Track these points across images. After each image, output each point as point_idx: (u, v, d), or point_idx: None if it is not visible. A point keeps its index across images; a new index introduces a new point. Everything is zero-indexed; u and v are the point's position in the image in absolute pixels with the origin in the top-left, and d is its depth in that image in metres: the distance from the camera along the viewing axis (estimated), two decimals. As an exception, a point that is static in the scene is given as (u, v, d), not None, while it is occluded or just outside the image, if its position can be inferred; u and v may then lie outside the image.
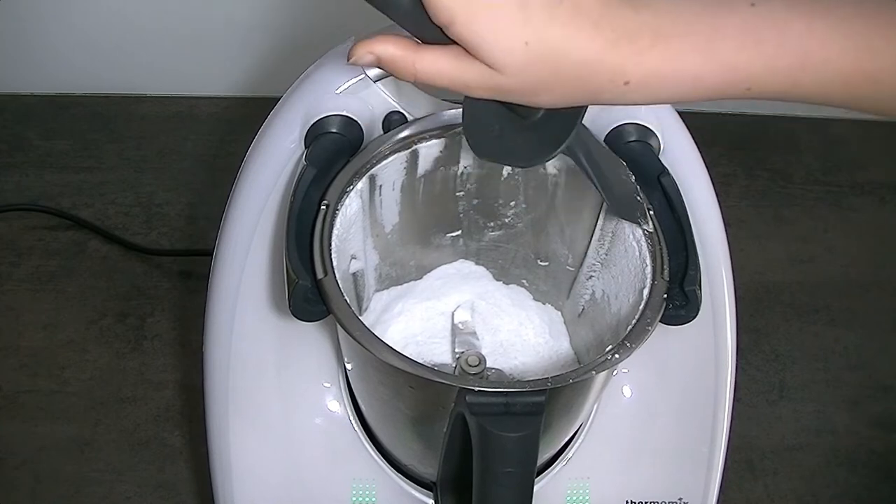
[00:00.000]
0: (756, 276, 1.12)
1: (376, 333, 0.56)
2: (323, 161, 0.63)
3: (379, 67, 0.47)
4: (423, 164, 0.67)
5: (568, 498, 0.72)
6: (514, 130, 0.51)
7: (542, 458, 0.69)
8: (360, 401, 0.70)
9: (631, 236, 0.63)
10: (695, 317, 0.59)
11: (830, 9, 0.43)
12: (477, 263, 0.74)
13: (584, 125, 0.55)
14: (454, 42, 0.44)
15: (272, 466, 0.72)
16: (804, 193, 1.23)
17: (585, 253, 0.68)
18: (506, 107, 0.50)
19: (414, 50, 0.45)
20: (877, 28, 0.43)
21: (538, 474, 0.69)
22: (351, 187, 0.63)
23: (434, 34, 0.45)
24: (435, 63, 0.45)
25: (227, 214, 0.70)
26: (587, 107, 0.50)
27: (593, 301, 0.69)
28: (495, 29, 0.42)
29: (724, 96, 0.45)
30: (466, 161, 0.68)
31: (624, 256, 0.64)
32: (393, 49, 0.46)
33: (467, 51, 0.44)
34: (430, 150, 0.66)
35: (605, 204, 0.59)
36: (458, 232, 0.72)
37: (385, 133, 0.66)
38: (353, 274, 0.68)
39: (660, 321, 0.58)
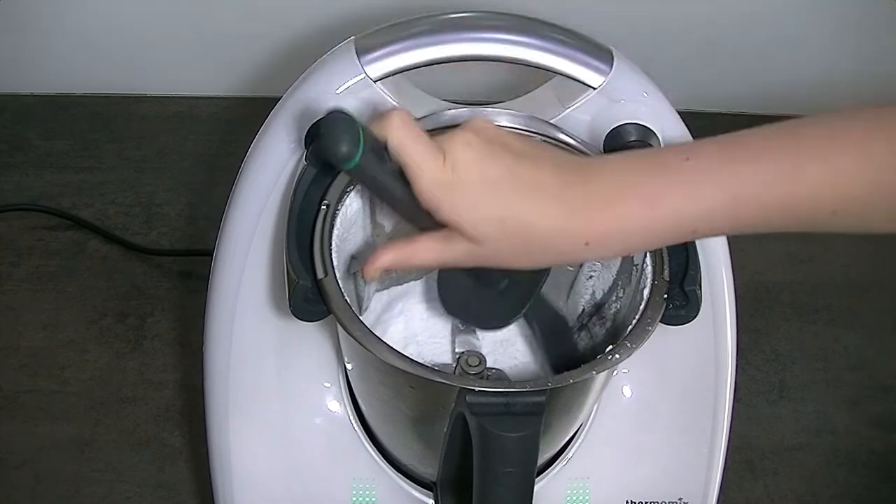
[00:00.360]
0: (756, 276, 1.12)
1: (376, 333, 0.56)
2: (323, 161, 0.63)
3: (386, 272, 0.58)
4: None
5: (568, 498, 0.72)
6: (482, 298, 0.61)
7: (542, 458, 0.69)
8: (360, 401, 0.70)
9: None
10: (695, 317, 0.59)
11: (753, 150, 0.50)
12: (477, 263, 0.74)
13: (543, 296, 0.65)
14: (441, 226, 0.53)
15: (272, 466, 0.72)
16: (804, 193, 1.23)
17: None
18: (477, 279, 0.60)
19: (409, 246, 0.54)
20: (798, 156, 0.49)
21: (538, 474, 0.69)
22: (351, 187, 0.63)
23: (423, 220, 0.54)
24: (428, 250, 0.54)
25: (227, 214, 0.70)
26: (544, 280, 0.61)
27: (593, 301, 0.68)
28: (473, 209, 0.51)
29: (674, 241, 0.53)
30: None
31: (624, 257, 0.64)
32: (394, 255, 0.55)
33: (452, 231, 0.52)
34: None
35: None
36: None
37: (385, 133, 0.66)
38: (354, 274, 0.68)
39: (660, 321, 0.58)
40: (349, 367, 0.66)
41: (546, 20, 0.67)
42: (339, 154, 0.51)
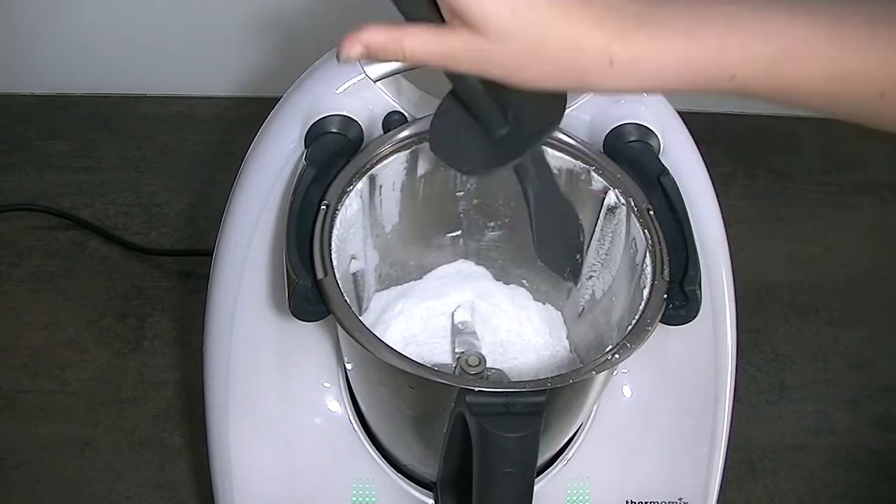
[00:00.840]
0: (756, 276, 1.12)
1: (376, 333, 0.56)
2: (323, 161, 0.63)
3: (368, 57, 0.47)
4: (423, 164, 0.67)
5: (568, 498, 0.72)
6: (477, 140, 0.52)
7: (542, 458, 0.69)
8: (360, 401, 0.70)
9: (631, 236, 0.63)
10: (695, 317, 0.59)
11: (811, 6, 0.44)
12: (477, 263, 0.74)
13: (554, 176, 0.57)
14: (439, 20, 0.45)
15: (272, 466, 0.72)
16: (804, 193, 1.23)
17: (585, 253, 0.68)
18: (475, 118, 0.52)
19: (401, 31, 0.45)
20: (858, 28, 0.43)
21: (538, 474, 0.69)
22: (351, 187, 0.63)
23: (422, 9, 0.46)
24: (422, 39, 0.45)
25: (227, 214, 0.70)
26: (546, 132, 0.52)
27: (593, 301, 0.69)
28: None
29: (709, 85, 0.46)
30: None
31: (624, 256, 0.64)
32: (380, 35, 0.46)
33: (455, 20, 0.44)
34: (430, 151, 0.66)
35: (534, 245, 0.60)
36: (458, 232, 0.72)
37: (385, 133, 0.66)
38: (353, 274, 0.68)
39: (660, 321, 0.58)
40: (349, 367, 0.66)
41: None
42: None
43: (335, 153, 0.65)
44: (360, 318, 0.57)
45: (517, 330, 0.73)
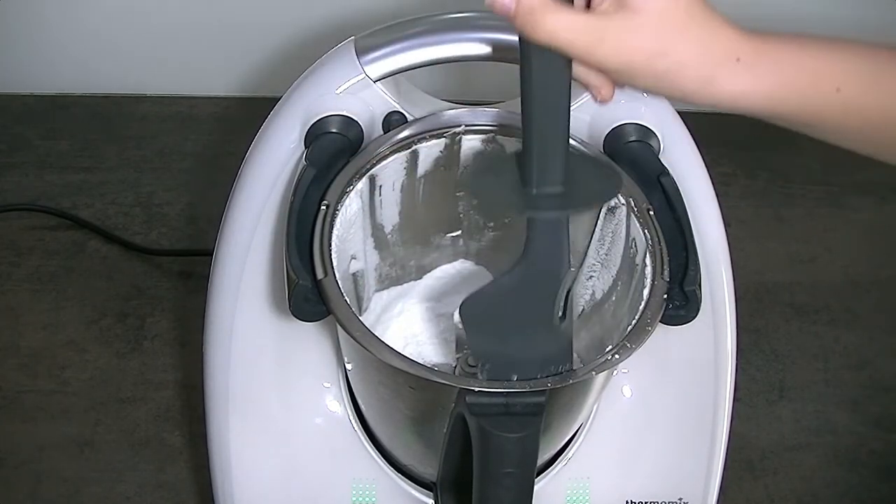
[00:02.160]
0: (756, 276, 1.12)
1: (376, 333, 0.56)
2: (323, 161, 0.63)
3: (508, 16, 0.46)
4: (423, 164, 0.67)
5: (568, 498, 0.72)
6: (515, 188, 0.53)
7: (542, 458, 0.69)
8: (360, 401, 0.70)
9: (631, 236, 0.63)
10: (695, 317, 0.59)
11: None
12: (477, 263, 0.74)
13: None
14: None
15: (272, 467, 0.72)
16: (804, 193, 1.23)
17: (585, 253, 0.68)
18: (526, 168, 0.52)
19: (550, 4, 0.46)
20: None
21: (538, 474, 0.69)
22: (351, 187, 0.63)
23: None
24: (571, 17, 0.46)
25: (227, 214, 0.70)
26: (598, 202, 0.58)
27: (593, 301, 0.69)
28: None
29: (805, 98, 0.50)
30: (466, 161, 0.68)
31: (624, 256, 0.64)
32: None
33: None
34: (430, 150, 0.66)
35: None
36: (458, 232, 0.72)
37: (385, 133, 0.66)
38: (353, 274, 0.68)
39: (660, 321, 0.58)
40: (349, 367, 0.66)
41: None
42: None
43: (335, 153, 0.65)
44: (360, 318, 0.57)
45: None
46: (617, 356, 0.56)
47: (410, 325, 0.72)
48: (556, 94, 0.50)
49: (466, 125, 0.66)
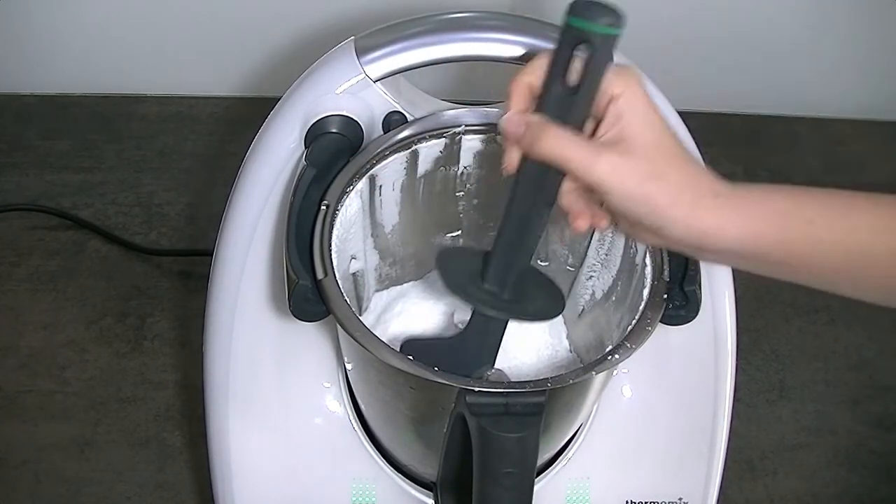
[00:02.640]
0: (756, 276, 1.12)
1: (376, 333, 0.56)
2: (323, 161, 0.63)
3: (517, 137, 0.52)
4: (423, 164, 0.67)
5: (568, 498, 0.72)
6: (474, 277, 0.58)
7: (542, 458, 0.69)
8: (360, 401, 0.70)
9: (631, 237, 0.63)
10: (695, 317, 0.59)
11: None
12: (477, 263, 0.74)
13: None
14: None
15: (272, 466, 0.72)
16: (804, 193, 1.23)
17: (585, 253, 0.68)
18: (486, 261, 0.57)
19: (555, 124, 0.51)
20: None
21: (538, 474, 0.69)
22: (351, 187, 0.63)
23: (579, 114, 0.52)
24: (575, 136, 0.51)
25: (227, 214, 0.70)
26: (535, 320, 0.62)
27: (593, 301, 0.69)
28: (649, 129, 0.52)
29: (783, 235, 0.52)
30: (466, 161, 0.68)
31: (624, 257, 0.64)
32: (538, 118, 0.51)
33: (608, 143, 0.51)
34: (430, 150, 0.66)
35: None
36: (458, 232, 0.72)
37: (385, 133, 0.66)
38: (353, 274, 0.68)
39: (660, 321, 0.58)
40: (349, 367, 0.66)
41: (545, 20, 0.67)
42: (615, 18, 0.49)
43: (335, 153, 0.65)
44: (360, 318, 0.57)
45: (517, 330, 0.73)
46: (617, 356, 0.56)
47: (410, 325, 0.72)
48: (535, 220, 0.55)
49: (466, 125, 0.66)
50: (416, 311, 0.73)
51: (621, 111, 0.51)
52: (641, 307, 0.59)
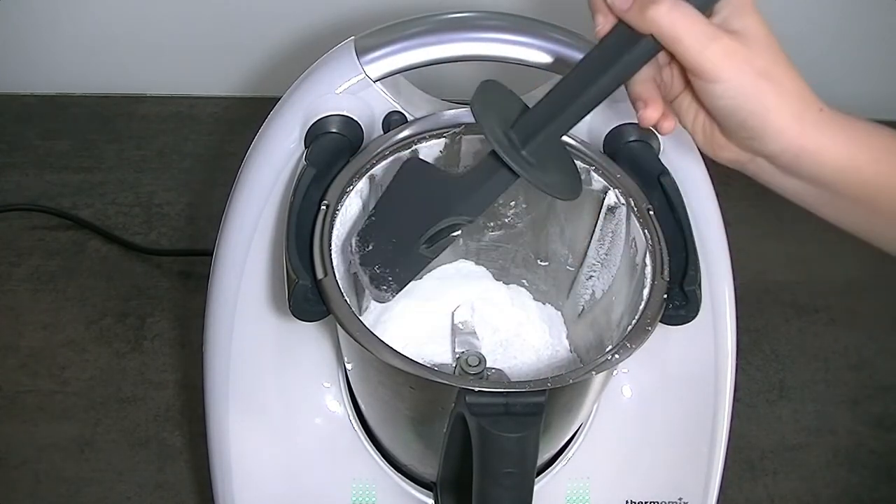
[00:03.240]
0: (756, 276, 1.12)
1: (376, 333, 0.56)
2: (323, 161, 0.63)
3: (625, 10, 0.49)
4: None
5: (568, 498, 0.72)
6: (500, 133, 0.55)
7: (542, 458, 0.69)
8: (360, 401, 0.70)
9: (631, 236, 0.63)
10: (695, 317, 0.59)
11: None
12: (477, 263, 0.74)
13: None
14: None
15: (272, 467, 0.72)
16: (804, 193, 1.23)
17: (585, 253, 0.68)
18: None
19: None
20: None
21: (538, 474, 0.69)
22: (351, 187, 0.63)
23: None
24: (693, 14, 0.47)
25: (227, 214, 0.70)
26: (554, 194, 0.56)
27: (593, 301, 0.69)
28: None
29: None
30: (466, 161, 0.68)
31: (624, 257, 0.64)
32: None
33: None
34: (430, 150, 0.66)
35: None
36: (458, 232, 0.72)
37: (385, 133, 0.66)
38: (354, 274, 0.68)
39: (660, 321, 0.58)
40: (349, 367, 0.66)
41: (545, 20, 0.67)
42: None
43: (335, 153, 0.65)
44: (360, 318, 0.57)
45: (517, 330, 0.73)
46: (617, 356, 0.56)
47: (410, 325, 0.72)
48: (592, 93, 0.52)
49: (466, 125, 0.66)
50: (416, 311, 0.73)
51: (730, 12, 0.48)
52: (641, 307, 0.59)
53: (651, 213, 0.62)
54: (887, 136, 0.50)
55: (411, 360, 0.55)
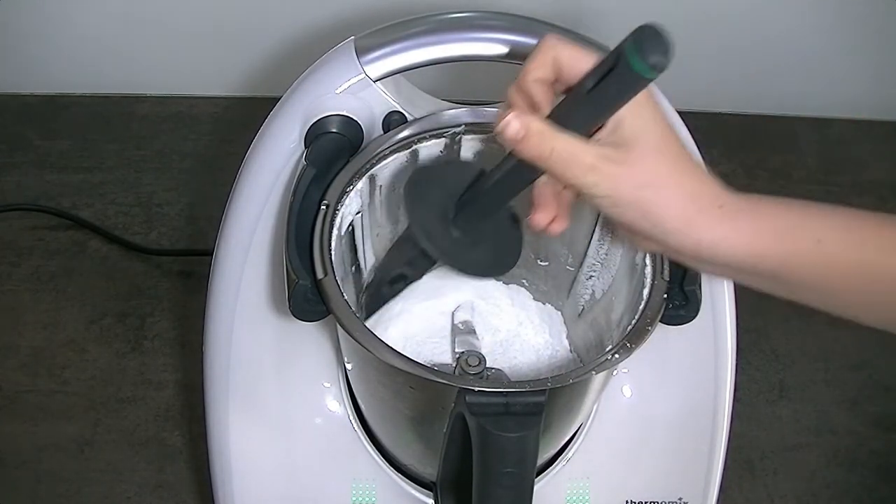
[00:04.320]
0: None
1: (376, 333, 0.56)
2: (323, 161, 0.63)
3: (516, 141, 0.49)
4: (423, 163, 0.67)
5: (568, 498, 0.72)
6: (442, 216, 0.58)
7: (542, 458, 0.69)
8: (360, 401, 0.70)
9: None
10: (695, 317, 0.59)
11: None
12: (477, 263, 0.74)
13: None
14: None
15: (272, 467, 0.72)
16: (804, 193, 1.22)
17: (585, 253, 0.68)
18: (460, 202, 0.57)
19: (558, 132, 0.49)
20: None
21: (538, 474, 0.69)
22: (351, 187, 0.63)
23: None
24: (572, 141, 0.49)
25: (227, 214, 0.70)
26: (482, 276, 0.59)
27: (593, 301, 0.69)
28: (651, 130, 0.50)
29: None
30: (466, 161, 0.68)
31: (624, 257, 0.64)
32: (539, 124, 0.49)
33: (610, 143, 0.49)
34: (430, 150, 0.66)
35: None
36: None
37: (385, 133, 0.66)
38: (353, 274, 0.68)
39: (660, 321, 0.58)
40: (349, 367, 0.66)
41: (546, 20, 0.67)
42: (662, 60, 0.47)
43: (335, 153, 0.65)
44: (359, 317, 0.57)
45: (517, 330, 0.73)
46: (617, 356, 0.56)
47: (410, 325, 0.72)
48: (505, 193, 0.55)
49: (466, 125, 0.66)
50: (416, 311, 0.73)
51: (623, 114, 0.49)
52: (641, 307, 0.59)
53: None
54: (795, 212, 0.51)
55: (411, 359, 0.55)
